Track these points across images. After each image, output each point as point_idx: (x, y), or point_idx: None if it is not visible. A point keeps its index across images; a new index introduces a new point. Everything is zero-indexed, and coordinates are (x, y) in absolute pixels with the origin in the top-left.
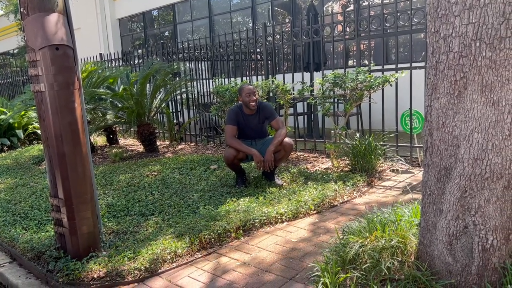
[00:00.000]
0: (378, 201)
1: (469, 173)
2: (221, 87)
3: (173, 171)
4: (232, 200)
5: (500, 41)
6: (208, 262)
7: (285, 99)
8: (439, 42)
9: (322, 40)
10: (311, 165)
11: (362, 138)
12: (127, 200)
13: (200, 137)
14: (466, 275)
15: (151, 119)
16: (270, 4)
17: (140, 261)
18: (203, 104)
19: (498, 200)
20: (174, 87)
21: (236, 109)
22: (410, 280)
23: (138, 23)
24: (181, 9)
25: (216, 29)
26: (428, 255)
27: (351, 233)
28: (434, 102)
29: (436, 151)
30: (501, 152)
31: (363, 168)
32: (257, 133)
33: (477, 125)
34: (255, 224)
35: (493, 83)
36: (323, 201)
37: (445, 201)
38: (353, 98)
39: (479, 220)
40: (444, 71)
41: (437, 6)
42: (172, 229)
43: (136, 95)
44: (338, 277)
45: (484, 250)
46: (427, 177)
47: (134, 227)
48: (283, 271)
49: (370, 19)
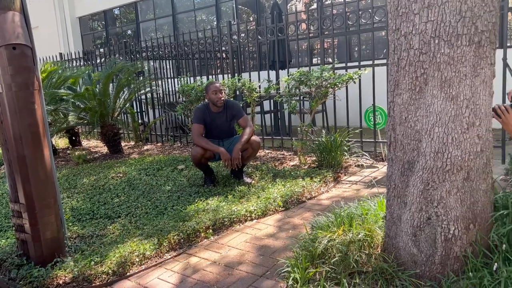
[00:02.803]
0: (344, 196)
1: (431, 166)
2: (186, 85)
3: (139, 172)
4: (201, 199)
5: (457, 38)
6: (177, 262)
7: (251, 97)
8: (400, 40)
9: (286, 39)
10: (279, 162)
11: (328, 135)
12: (92, 203)
13: (166, 137)
14: (430, 265)
15: (115, 120)
16: (235, 2)
17: (108, 264)
18: (168, 103)
19: (459, 191)
20: (138, 86)
21: (203, 107)
22: (377, 272)
23: (99, 21)
24: (143, 7)
25: (180, 27)
26: (394, 247)
27: (319, 228)
28: (396, 98)
29: (399, 145)
30: (460, 145)
31: (329, 164)
32: (225, 132)
33: (438, 120)
34: (224, 223)
35: (451, 79)
36: (291, 197)
37: (409, 194)
38: (318, 96)
39: (441, 211)
40: (405, 67)
41: (397, 4)
42: (139, 231)
43: (99, 95)
44: (308, 272)
45: (447, 240)
46: (391, 171)
47: (100, 230)
48: (253, 268)
49: (333, 18)
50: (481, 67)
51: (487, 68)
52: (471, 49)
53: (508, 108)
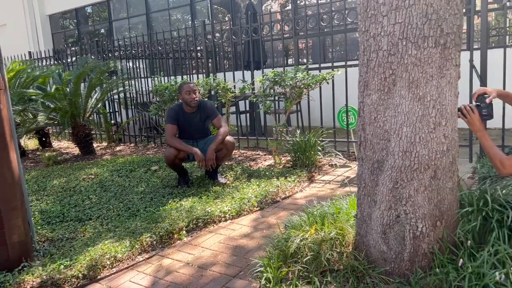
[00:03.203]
0: (318, 195)
1: (400, 165)
2: (160, 85)
3: (112, 174)
4: (175, 200)
5: (424, 40)
6: (150, 265)
7: (226, 98)
8: (370, 41)
9: (261, 39)
10: (254, 162)
11: (302, 135)
12: (62, 205)
13: (140, 137)
14: (399, 262)
15: (87, 120)
16: (209, 2)
17: (78, 268)
18: (142, 103)
19: (426, 189)
20: (111, 86)
21: (176, 107)
22: (348, 270)
23: (71, 19)
24: (116, 5)
25: (155, 26)
26: (365, 244)
27: (292, 228)
28: (366, 98)
29: (369, 145)
30: (427, 144)
31: (303, 164)
32: (199, 132)
33: (406, 120)
34: (198, 224)
35: (418, 80)
36: (265, 197)
37: (379, 193)
38: (293, 96)
39: (410, 209)
40: (374, 68)
41: (366, 6)
42: (111, 234)
43: (70, 95)
44: (281, 271)
45: (415, 237)
46: (362, 170)
47: (70, 233)
48: (227, 269)
49: (306, 19)
50: (447, 68)
51: (453, 70)
52: (437, 51)
53: (474, 108)
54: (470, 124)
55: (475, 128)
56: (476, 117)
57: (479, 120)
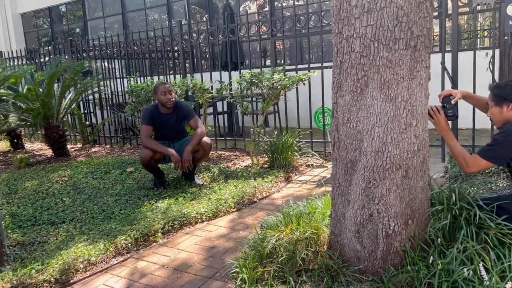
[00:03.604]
0: (294, 195)
1: (372, 164)
2: (136, 86)
3: (86, 176)
4: (150, 202)
5: (395, 42)
6: (125, 268)
7: (203, 98)
8: (342, 43)
9: (238, 40)
10: (231, 163)
11: (280, 136)
12: (34, 208)
13: (115, 138)
14: (373, 260)
15: (60, 121)
16: (186, 2)
17: (50, 272)
18: (117, 104)
19: (398, 188)
20: (85, 86)
21: (152, 108)
22: (323, 269)
23: (44, 18)
24: (91, 5)
25: (131, 26)
26: (339, 244)
27: (268, 228)
28: (339, 99)
29: (342, 145)
30: (399, 145)
31: (281, 164)
32: (175, 133)
33: (378, 120)
34: (174, 226)
35: (390, 81)
36: (242, 198)
37: (352, 192)
38: (270, 97)
39: (382, 208)
40: (347, 70)
41: (339, 8)
42: (85, 237)
43: (43, 95)
44: (256, 272)
45: (388, 235)
46: (336, 170)
47: (42, 237)
48: (202, 271)
49: (283, 20)
50: (417, 70)
51: (423, 71)
52: (408, 53)
53: (439, 109)
54: (436, 124)
55: (440, 128)
56: (442, 117)
57: (445, 120)
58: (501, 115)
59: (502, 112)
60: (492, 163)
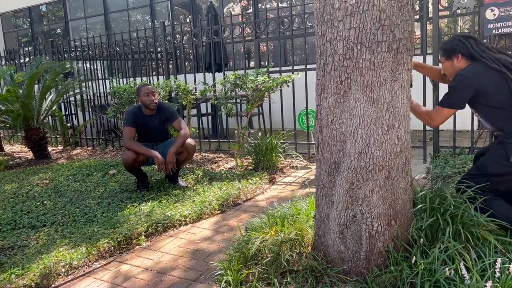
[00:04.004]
0: (279, 197)
1: (355, 166)
2: (118, 87)
3: (67, 178)
4: (133, 205)
5: (378, 45)
6: (107, 271)
7: (187, 100)
8: (326, 45)
9: (222, 41)
10: (216, 165)
11: (264, 137)
12: (14, 212)
13: (97, 140)
14: (356, 261)
15: (41, 123)
16: (170, 3)
17: (30, 277)
18: (99, 105)
19: (381, 189)
20: (67, 88)
21: (135, 110)
22: (307, 270)
23: (24, 18)
24: (73, 5)
25: (114, 27)
26: (323, 245)
27: (253, 230)
28: (323, 101)
29: (326, 147)
30: (381, 146)
31: (265, 166)
32: (158, 135)
33: (361, 122)
34: (158, 229)
35: (373, 83)
36: (227, 200)
37: (336, 193)
38: (254, 99)
39: (366, 209)
40: (331, 72)
41: (322, 11)
42: (66, 240)
43: (23, 97)
44: (241, 274)
45: (371, 236)
46: (320, 172)
47: (22, 241)
48: (187, 273)
49: (267, 22)
50: (399, 72)
51: (405, 74)
52: (390, 55)
53: None
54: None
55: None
56: None
57: None
58: (453, 67)
59: (454, 65)
60: (453, 108)
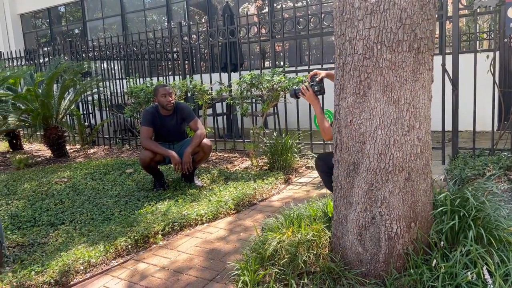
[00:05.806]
0: (294, 197)
1: (375, 167)
2: (135, 87)
3: (85, 177)
4: (150, 204)
5: (398, 44)
6: (125, 269)
7: (203, 100)
8: (345, 45)
9: (238, 41)
10: (231, 165)
11: (279, 137)
12: (33, 209)
13: (114, 139)
14: (375, 263)
15: (60, 122)
16: (186, 3)
17: (50, 274)
18: (116, 105)
19: (401, 191)
20: (85, 87)
21: (152, 110)
22: (325, 272)
23: (43, 19)
24: (91, 5)
25: (130, 27)
26: (341, 246)
27: (269, 230)
28: (342, 101)
29: (344, 147)
30: (401, 147)
31: (280, 166)
32: (175, 135)
33: (380, 122)
34: (174, 228)
35: (393, 83)
36: (242, 200)
37: (354, 195)
38: (270, 99)
39: (385, 210)
40: (350, 72)
41: (342, 10)
42: (85, 238)
43: (42, 96)
44: (258, 274)
45: (390, 238)
46: (338, 173)
47: (42, 238)
48: (203, 273)
49: (283, 22)
50: (420, 72)
51: (426, 73)
52: (411, 55)
53: (308, 87)
54: (308, 99)
55: (311, 101)
56: (311, 93)
57: (313, 95)
58: None
59: None
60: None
